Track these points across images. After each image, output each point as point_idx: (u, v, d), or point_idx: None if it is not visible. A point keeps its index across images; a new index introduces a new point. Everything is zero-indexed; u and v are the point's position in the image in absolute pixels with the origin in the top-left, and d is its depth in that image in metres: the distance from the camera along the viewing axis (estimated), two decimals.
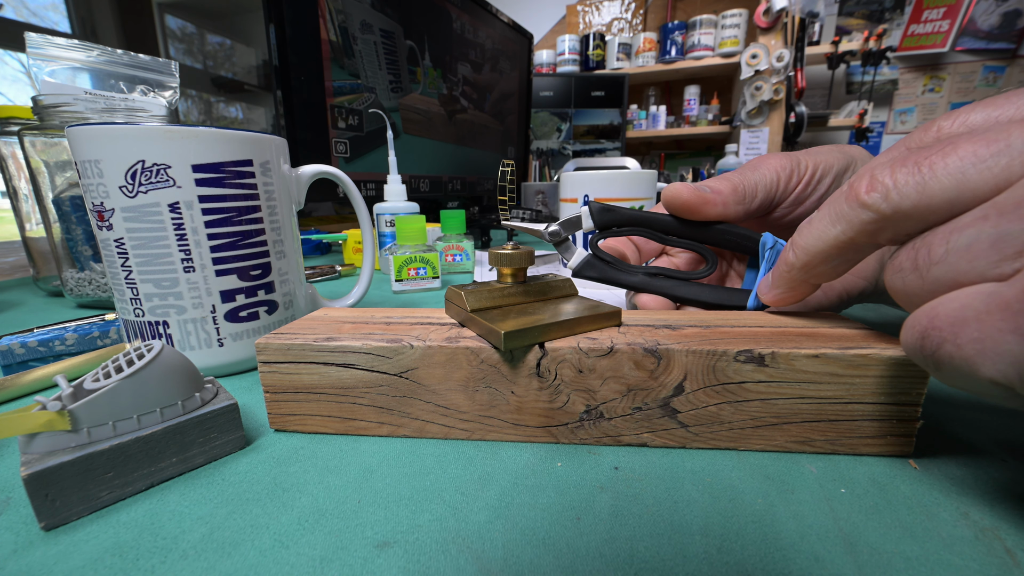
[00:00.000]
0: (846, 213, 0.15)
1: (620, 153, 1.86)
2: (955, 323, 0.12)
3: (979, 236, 0.12)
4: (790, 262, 0.18)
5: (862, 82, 2.03)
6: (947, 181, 0.12)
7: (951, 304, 0.12)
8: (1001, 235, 0.11)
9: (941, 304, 0.12)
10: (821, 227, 0.16)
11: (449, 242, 0.56)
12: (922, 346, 0.13)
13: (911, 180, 0.13)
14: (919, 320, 0.13)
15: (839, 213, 0.15)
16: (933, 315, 0.12)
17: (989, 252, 0.11)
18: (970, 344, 0.11)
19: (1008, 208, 0.11)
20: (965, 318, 0.12)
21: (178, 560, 0.13)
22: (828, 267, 0.17)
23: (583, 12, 2.34)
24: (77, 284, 0.42)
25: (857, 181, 0.14)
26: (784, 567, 0.12)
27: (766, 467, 0.17)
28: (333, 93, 0.59)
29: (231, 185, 0.24)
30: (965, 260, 0.12)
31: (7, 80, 1.17)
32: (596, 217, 0.25)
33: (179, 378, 0.17)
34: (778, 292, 0.20)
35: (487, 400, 0.18)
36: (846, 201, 0.15)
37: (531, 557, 0.13)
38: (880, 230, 0.14)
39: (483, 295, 0.20)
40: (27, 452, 0.15)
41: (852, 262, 0.17)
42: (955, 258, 0.12)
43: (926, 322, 0.12)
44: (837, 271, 0.17)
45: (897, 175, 0.13)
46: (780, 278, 0.19)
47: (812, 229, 0.17)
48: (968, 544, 0.13)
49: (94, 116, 0.38)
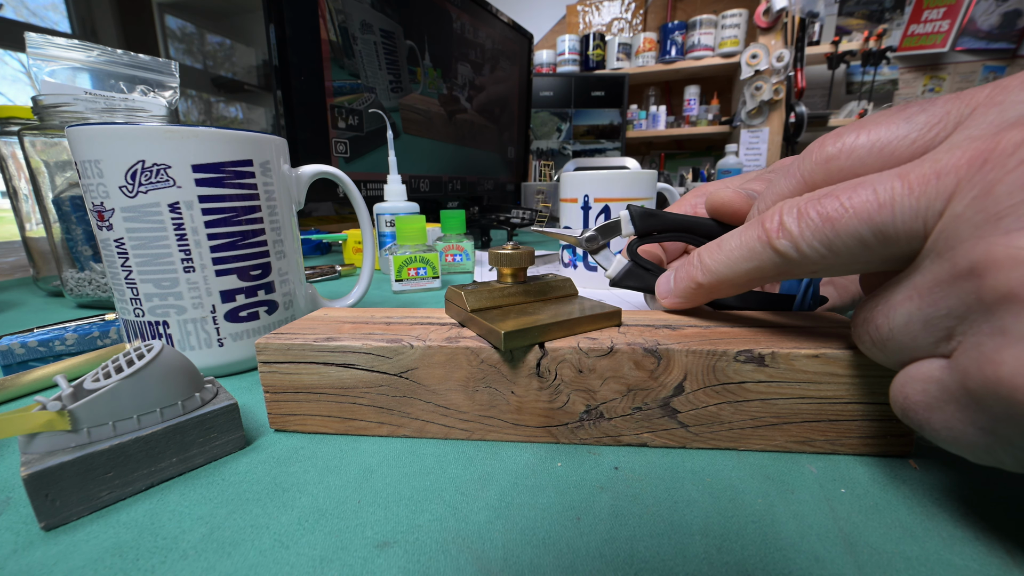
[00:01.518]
0: (758, 252, 0.15)
1: (620, 153, 1.87)
2: (924, 408, 0.12)
3: (911, 317, 0.12)
4: (697, 280, 0.18)
5: (862, 82, 2.03)
6: (849, 241, 0.13)
7: (916, 385, 0.12)
8: (927, 319, 0.12)
9: (908, 384, 0.13)
10: (733, 257, 0.16)
11: (449, 242, 0.56)
12: (907, 420, 0.13)
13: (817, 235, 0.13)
14: (896, 397, 0.13)
15: (751, 249, 0.16)
16: (904, 395, 0.13)
17: (924, 333, 0.12)
18: (944, 430, 0.12)
19: (924, 291, 0.12)
20: (930, 405, 0.12)
21: (178, 560, 0.13)
22: (734, 289, 0.18)
23: (583, 12, 2.34)
24: (77, 284, 0.42)
25: (768, 218, 0.15)
26: (784, 567, 0.12)
27: (766, 467, 0.17)
28: (333, 93, 0.59)
29: (231, 185, 0.24)
30: (908, 338, 0.12)
31: (7, 80, 1.17)
32: (638, 222, 0.23)
33: (179, 378, 0.17)
34: (677, 301, 0.20)
35: (487, 400, 0.18)
36: (758, 240, 0.15)
37: (531, 557, 0.13)
38: (790, 271, 0.15)
39: (483, 295, 0.20)
40: (27, 452, 0.15)
41: (760, 285, 0.17)
42: (900, 335, 0.13)
43: (901, 400, 0.13)
44: (743, 291, 0.18)
45: (803, 226, 0.14)
46: (683, 290, 0.19)
47: (723, 255, 0.17)
48: (968, 544, 0.13)
49: (94, 116, 0.38)
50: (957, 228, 0.11)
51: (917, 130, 0.13)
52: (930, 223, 0.12)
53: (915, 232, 0.12)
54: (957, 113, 0.13)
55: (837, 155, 0.15)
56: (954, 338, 0.11)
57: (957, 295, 0.11)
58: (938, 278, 0.11)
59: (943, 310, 0.11)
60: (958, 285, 0.11)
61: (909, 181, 0.12)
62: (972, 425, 0.11)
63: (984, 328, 0.10)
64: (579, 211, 0.44)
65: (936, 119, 0.13)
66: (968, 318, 0.11)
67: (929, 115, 0.13)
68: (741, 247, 0.16)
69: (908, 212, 0.12)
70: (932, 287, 0.11)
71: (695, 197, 0.27)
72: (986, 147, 0.11)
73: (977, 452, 0.12)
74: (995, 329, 0.10)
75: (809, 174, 0.15)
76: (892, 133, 0.14)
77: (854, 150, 0.14)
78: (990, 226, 0.10)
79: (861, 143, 0.14)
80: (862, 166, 0.14)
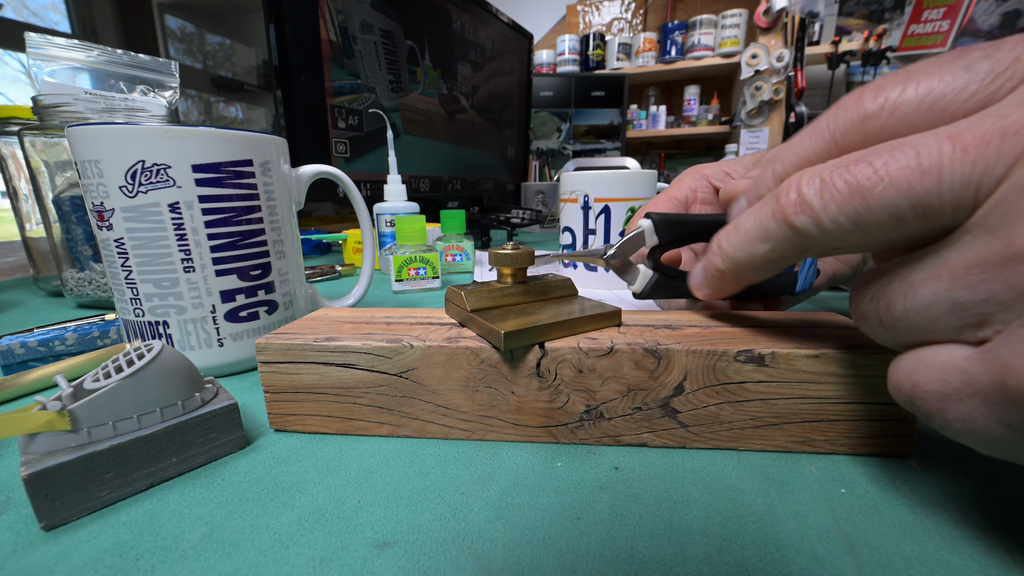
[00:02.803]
0: (774, 232, 0.14)
1: (620, 153, 1.86)
2: (939, 399, 0.11)
3: (935, 298, 0.11)
4: (718, 267, 0.17)
5: (862, 82, 2.03)
6: (881, 215, 0.11)
7: (930, 373, 0.11)
8: (957, 302, 0.10)
9: (919, 371, 0.11)
10: (748, 238, 0.15)
11: (449, 242, 0.56)
12: (913, 408, 0.12)
13: (843, 209, 0.12)
14: (902, 384, 0.12)
15: (767, 230, 0.14)
16: (914, 382, 0.12)
17: (948, 317, 0.11)
18: (959, 422, 0.11)
19: (959, 272, 0.10)
20: (947, 395, 0.11)
21: (178, 560, 0.13)
22: (760, 274, 0.16)
23: (583, 12, 2.34)
24: (77, 284, 0.42)
25: (784, 193, 0.13)
26: (784, 567, 0.12)
27: (766, 467, 0.17)
28: (333, 93, 0.59)
29: (231, 185, 0.24)
30: (927, 320, 0.11)
31: (7, 80, 1.17)
32: (663, 233, 0.21)
33: (179, 378, 0.17)
34: (708, 292, 0.19)
35: (487, 400, 0.18)
36: (773, 217, 0.13)
37: (531, 557, 0.13)
38: (809, 249, 0.13)
39: (483, 295, 0.20)
40: (27, 452, 0.15)
41: (783, 268, 0.16)
42: (917, 317, 0.11)
43: (909, 388, 0.12)
44: (767, 276, 0.16)
45: (827, 198, 0.12)
46: (709, 279, 0.18)
47: (738, 238, 0.15)
48: (968, 544, 0.13)
49: (94, 116, 0.38)
50: (1019, 201, 0.09)
51: (978, 81, 0.11)
52: (983, 193, 0.10)
53: (964, 204, 0.10)
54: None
55: (878, 112, 0.12)
56: (988, 326, 0.10)
57: (1005, 279, 0.09)
58: (983, 258, 0.10)
59: (982, 294, 0.10)
60: (1010, 268, 0.09)
61: (963, 143, 0.10)
62: (1000, 422, 0.10)
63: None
64: (579, 211, 0.44)
65: (1003, 67, 0.11)
66: (1015, 307, 0.09)
67: (994, 62, 0.11)
68: (755, 226, 0.14)
69: (959, 180, 0.10)
70: (972, 267, 0.10)
71: (694, 180, 0.27)
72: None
73: (996, 447, 0.11)
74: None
75: (841, 135, 0.13)
76: (947, 85, 0.11)
77: (898, 107, 0.12)
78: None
79: (908, 98, 0.12)
80: (908, 127, 0.12)
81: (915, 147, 0.11)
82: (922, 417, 0.12)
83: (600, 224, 0.44)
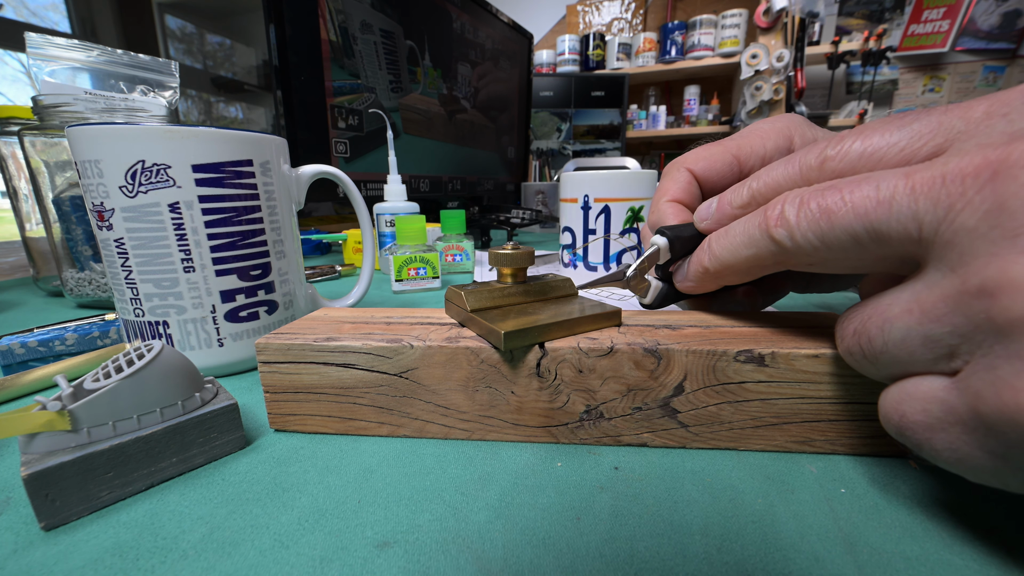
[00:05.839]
0: (757, 239, 0.16)
1: (620, 153, 1.87)
2: (925, 428, 0.12)
3: (909, 332, 0.12)
4: (704, 265, 0.19)
5: (862, 82, 2.03)
6: (843, 236, 0.13)
7: (914, 404, 0.12)
8: (928, 335, 0.11)
9: (905, 402, 0.12)
10: (735, 243, 0.17)
11: (449, 242, 0.56)
12: (903, 439, 0.13)
13: (813, 227, 0.13)
14: (891, 415, 0.13)
15: (752, 238, 0.16)
16: (901, 414, 0.12)
17: (923, 349, 0.12)
18: (947, 451, 0.12)
19: (927, 307, 0.11)
20: (931, 425, 0.12)
21: (178, 560, 0.13)
22: (738, 277, 0.18)
23: (583, 12, 2.34)
24: (77, 284, 0.42)
25: (772, 207, 0.15)
26: (784, 567, 0.12)
27: (766, 467, 0.17)
28: (333, 93, 0.59)
29: (231, 185, 0.24)
30: (904, 353, 0.12)
31: (7, 80, 1.17)
32: (678, 249, 0.21)
33: (179, 378, 0.17)
34: (689, 284, 0.21)
35: (487, 400, 0.18)
36: (759, 227, 0.15)
37: (531, 557, 0.13)
38: (786, 260, 0.15)
39: (483, 295, 0.20)
40: (27, 452, 0.15)
41: (762, 274, 0.17)
42: (895, 350, 0.12)
43: (897, 419, 0.13)
44: (748, 279, 0.18)
45: (801, 217, 0.14)
46: (694, 274, 0.20)
47: (727, 241, 0.17)
48: (968, 544, 0.13)
49: (94, 116, 0.38)
50: (971, 243, 0.10)
51: (907, 138, 0.13)
52: (926, 228, 0.11)
53: (908, 235, 0.12)
54: (949, 125, 0.13)
55: (833, 157, 0.15)
56: (958, 357, 0.11)
57: (964, 313, 0.10)
58: (945, 293, 0.11)
59: (947, 327, 0.11)
60: (967, 303, 0.10)
61: (913, 182, 0.11)
62: (980, 448, 0.11)
63: (998, 351, 0.10)
64: (579, 211, 0.44)
65: (928, 129, 0.13)
66: (975, 339, 0.10)
67: (922, 124, 0.13)
68: (743, 234, 0.16)
69: (905, 213, 0.11)
70: (936, 302, 0.11)
71: (684, 176, 0.25)
72: (997, 157, 0.10)
73: (982, 475, 0.11)
74: (1012, 353, 0.10)
75: (807, 170, 0.16)
76: (884, 140, 0.14)
77: (847, 154, 0.14)
78: (1007, 243, 0.10)
79: (855, 148, 0.14)
80: (852, 170, 0.14)
81: (877, 181, 0.12)
82: (913, 447, 0.13)
83: (600, 224, 0.44)
